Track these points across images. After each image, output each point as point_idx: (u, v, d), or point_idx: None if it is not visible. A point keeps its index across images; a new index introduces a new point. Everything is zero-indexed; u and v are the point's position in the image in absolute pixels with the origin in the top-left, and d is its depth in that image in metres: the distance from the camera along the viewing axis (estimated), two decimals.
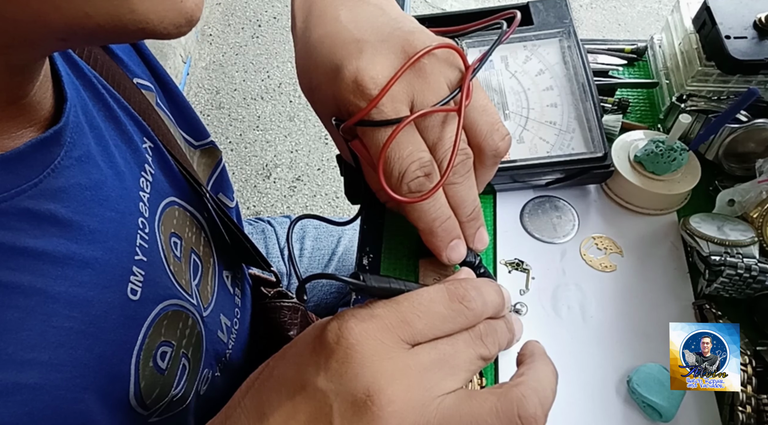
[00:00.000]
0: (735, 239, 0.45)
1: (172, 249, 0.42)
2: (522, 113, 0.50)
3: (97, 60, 0.39)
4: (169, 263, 0.41)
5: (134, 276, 0.36)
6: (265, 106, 1.82)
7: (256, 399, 0.28)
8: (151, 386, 0.37)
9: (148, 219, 0.39)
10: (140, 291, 0.36)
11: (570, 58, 0.50)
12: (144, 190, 0.39)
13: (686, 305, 0.47)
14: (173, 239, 0.43)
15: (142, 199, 0.39)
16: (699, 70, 0.53)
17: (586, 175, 0.50)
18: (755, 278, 0.43)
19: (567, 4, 0.53)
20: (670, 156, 0.49)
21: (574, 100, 0.50)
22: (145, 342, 0.37)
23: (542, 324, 0.46)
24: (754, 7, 0.51)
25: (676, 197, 0.52)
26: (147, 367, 0.37)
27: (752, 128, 0.50)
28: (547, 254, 0.50)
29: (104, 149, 0.36)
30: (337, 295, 0.83)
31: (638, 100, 0.61)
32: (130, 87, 0.42)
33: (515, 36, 0.52)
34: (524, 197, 0.53)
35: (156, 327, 0.38)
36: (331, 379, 0.25)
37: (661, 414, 0.41)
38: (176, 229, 0.43)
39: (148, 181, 0.40)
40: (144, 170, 0.40)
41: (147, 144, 0.42)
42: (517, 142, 0.49)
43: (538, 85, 0.50)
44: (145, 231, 0.38)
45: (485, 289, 0.29)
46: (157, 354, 0.38)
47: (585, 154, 0.48)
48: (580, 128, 0.49)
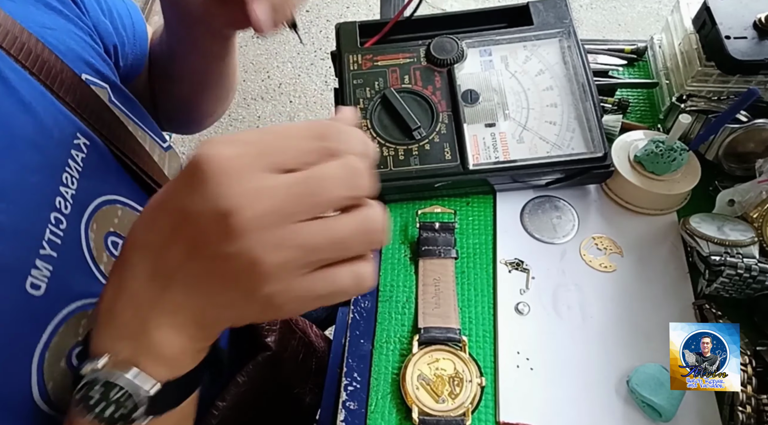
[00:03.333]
0: (735, 239, 0.45)
1: (108, 249, 0.41)
2: (522, 112, 0.50)
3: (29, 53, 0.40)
4: (98, 262, 0.40)
5: (37, 270, 0.35)
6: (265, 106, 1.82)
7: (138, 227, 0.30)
8: (63, 387, 0.36)
9: (68, 216, 0.38)
10: (45, 287, 0.35)
11: (570, 58, 0.50)
12: (66, 185, 0.39)
13: (686, 305, 0.47)
14: (111, 238, 0.42)
15: (63, 194, 0.38)
16: (699, 71, 0.53)
17: (586, 175, 0.50)
18: (755, 278, 0.43)
19: (567, 4, 0.53)
20: (670, 156, 0.49)
21: (574, 100, 0.50)
22: (53, 342, 0.36)
23: (542, 324, 0.46)
24: (754, 7, 0.51)
25: (676, 197, 0.52)
26: (57, 367, 0.36)
27: (752, 128, 0.50)
28: (547, 254, 0.50)
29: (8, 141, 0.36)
30: None
31: (638, 100, 0.61)
32: (73, 83, 0.42)
33: (515, 36, 0.52)
34: (524, 197, 0.53)
35: (69, 325, 0.37)
36: (197, 199, 0.26)
37: (661, 414, 0.41)
38: (119, 229, 0.43)
39: (73, 177, 0.40)
40: (68, 166, 0.40)
41: (81, 140, 0.42)
42: (517, 142, 0.49)
43: (538, 86, 0.50)
44: (60, 227, 0.38)
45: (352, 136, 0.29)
46: (72, 354, 0.37)
47: (585, 154, 0.48)
48: (580, 127, 0.49)
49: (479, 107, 0.50)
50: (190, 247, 0.27)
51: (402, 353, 0.45)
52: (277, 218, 0.26)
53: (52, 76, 0.41)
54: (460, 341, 0.44)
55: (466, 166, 0.48)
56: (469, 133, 0.49)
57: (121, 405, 0.29)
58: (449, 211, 0.51)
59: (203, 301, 0.29)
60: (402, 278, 0.49)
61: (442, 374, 0.43)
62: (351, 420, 0.42)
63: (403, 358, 0.44)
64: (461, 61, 0.49)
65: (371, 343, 0.46)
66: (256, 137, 0.28)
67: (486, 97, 0.50)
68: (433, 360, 0.43)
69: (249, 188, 0.26)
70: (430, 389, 0.42)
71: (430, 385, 0.42)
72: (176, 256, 0.28)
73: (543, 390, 0.43)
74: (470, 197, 0.53)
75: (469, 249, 0.51)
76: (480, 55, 0.52)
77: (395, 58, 0.50)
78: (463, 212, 0.53)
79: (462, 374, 0.43)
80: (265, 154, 0.27)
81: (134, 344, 0.29)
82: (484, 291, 0.48)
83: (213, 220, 0.26)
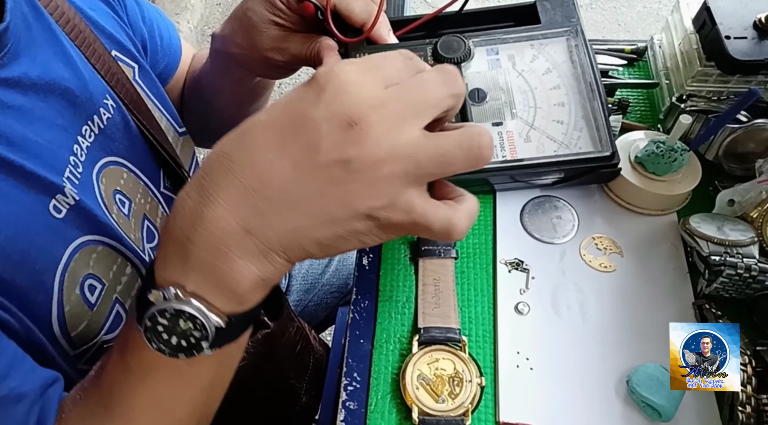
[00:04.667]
0: (735, 239, 0.45)
1: (116, 203, 0.45)
2: (529, 111, 0.50)
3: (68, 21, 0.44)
4: (109, 210, 0.43)
5: (62, 196, 0.39)
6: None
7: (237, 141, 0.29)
8: (76, 316, 0.38)
9: (84, 163, 0.42)
10: (65, 212, 0.39)
11: (577, 57, 0.50)
12: (84, 136, 0.43)
13: (686, 306, 0.47)
14: (118, 196, 0.45)
15: (79, 143, 0.42)
16: (699, 71, 0.53)
17: (593, 174, 0.50)
18: (755, 278, 0.43)
19: (574, 3, 0.52)
20: (671, 157, 0.49)
21: (582, 99, 0.49)
22: (71, 265, 0.38)
23: (542, 324, 0.46)
24: (754, 7, 0.51)
25: (677, 198, 0.52)
26: (73, 292, 0.38)
27: (752, 128, 0.50)
28: (547, 254, 0.50)
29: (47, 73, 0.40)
30: (338, 295, 0.83)
31: (638, 100, 0.61)
32: (103, 54, 0.47)
33: (523, 35, 0.51)
34: (524, 197, 0.53)
35: (82, 255, 0.40)
36: (323, 107, 0.27)
37: (661, 414, 0.41)
38: (123, 189, 0.46)
39: (92, 131, 0.44)
40: (91, 120, 0.44)
41: (109, 102, 0.46)
42: (524, 141, 0.49)
43: (545, 84, 0.50)
44: (77, 170, 0.41)
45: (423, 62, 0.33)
46: (84, 284, 0.39)
47: (592, 153, 0.48)
48: (587, 126, 0.49)
49: (486, 105, 0.50)
50: (302, 158, 0.28)
51: (402, 353, 0.45)
52: (397, 124, 0.28)
53: (85, 44, 0.45)
54: (460, 341, 0.44)
55: None
56: None
57: (189, 336, 0.29)
58: None
59: (301, 221, 0.28)
60: (402, 278, 0.49)
61: (442, 374, 0.43)
62: (351, 420, 0.42)
63: (403, 358, 0.44)
64: (468, 60, 0.49)
65: (371, 343, 0.46)
66: (363, 60, 0.30)
67: (493, 96, 0.50)
68: (433, 360, 0.43)
69: (372, 96, 0.28)
70: (430, 389, 0.42)
71: (430, 385, 0.42)
72: (281, 173, 0.28)
73: (543, 390, 0.43)
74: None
75: (469, 249, 0.51)
76: (487, 53, 0.52)
77: None
78: None
79: (462, 374, 0.43)
80: (376, 70, 0.29)
81: (206, 276, 0.29)
82: (484, 291, 0.48)
83: (338, 124, 0.27)
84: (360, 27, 0.47)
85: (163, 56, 0.59)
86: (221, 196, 0.28)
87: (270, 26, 0.47)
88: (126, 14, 0.53)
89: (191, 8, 1.98)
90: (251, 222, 0.28)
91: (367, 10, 0.46)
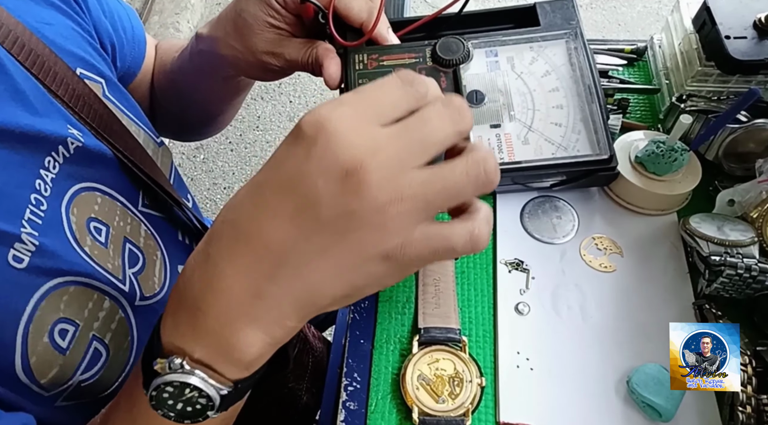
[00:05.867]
0: (735, 239, 0.45)
1: (91, 233, 0.42)
2: (528, 114, 0.50)
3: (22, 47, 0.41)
4: (82, 244, 0.41)
5: (20, 244, 0.36)
6: (265, 106, 1.82)
7: (237, 208, 0.29)
8: (45, 363, 0.37)
9: (48, 198, 0.39)
10: (27, 261, 0.36)
11: (577, 60, 0.50)
12: (48, 169, 0.40)
13: (686, 306, 0.47)
14: (93, 224, 0.42)
15: (43, 177, 0.39)
16: (699, 71, 0.53)
17: (591, 177, 0.50)
18: (755, 278, 0.43)
19: (574, 5, 0.52)
20: (671, 157, 0.49)
21: (581, 101, 0.49)
22: (36, 314, 0.36)
23: (542, 324, 0.46)
24: (754, 7, 0.51)
25: (677, 198, 0.52)
26: (39, 342, 0.36)
27: (752, 128, 0.50)
28: (547, 254, 0.50)
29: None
30: None
31: (638, 100, 0.61)
32: (66, 76, 0.43)
33: (522, 37, 0.51)
34: (524, 198, 0.53)
35: (51, 301, 0.37)
36: (315, 162, 0.26)
37: (661, 414, 0.41)
38: (99, 215, 0.43)
39: (57, 162, 0.41)
40: (55, 151, 0.41)
41: (74, 130, 0.43)
42: (522, 143, 0.49)
43: (544, 87, 0.50)
44: (40, 208, 0.38)
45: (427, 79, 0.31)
46: (54, 330, 0.37)
47: (591, 156, 0.48)
48: (585, 129, 0.49)
49: (485, 107, 0.50)
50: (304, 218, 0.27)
51: (402, 353, 0.45)
52: (396, 167, 0.27)
53: (44, 70, 0.42)
54: (460, 341, 0.44)
55: None
56: (475, 134, 0.49)
57: (194, 403, 0.29)
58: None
59: (312, 279, 0.28)
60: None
61: (442, 374, 0.43)
62: (351, 421, 0.42)
63: (403, 358, 0.44)
64: (467, 62, 0.49)
65: (371, 343, 0.46)
66: (354, 96, 0.28)
67: (491, 98, 0.50)
68: (433, 360, 0.43)
69: (366, 141, 0.26)
70: (430, 389, 0.42)
71: (430, 385, 0.42)
72: (287, 236, 0.27)
73: (543, 390, 0.43)
74: None
75: None
76: (486, 55, 0.52)
77: (401, 58, 0.50)
78: None
79: (462, 374, 0.43)
80: (369, 108, 0.28)
81: (214, 346, 0.29)
82: (484, 291, 0.48)
83: (334, 177, 0.26)
84: (359, 27, 0.46)
85: (130, 50, 0.56)
86: (229, 265, 0.28)
87: (265, 28, 0.46)
88: (88, 13, 0.50)
89: (191, 8, 1.98)
90: (261, 289, 0.28)
91: (366, 9, 0.45)
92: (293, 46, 0.47)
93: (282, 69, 0.49)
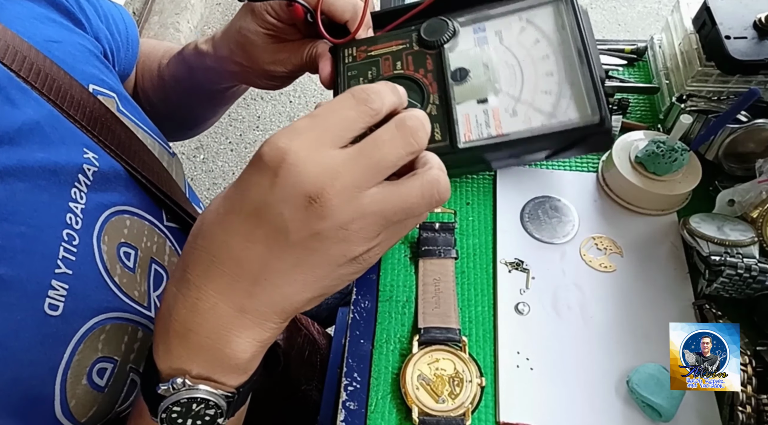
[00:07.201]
0: (735, 239, 0.45)
1: (121, 260, 0.41)
2: (516, 86, 0.48)
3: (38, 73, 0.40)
4: (112, 274, 0.40)
5: (54, 291, 0.35)
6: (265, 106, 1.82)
7: (209, 235, 0.30)
8: (85, 404, 0.36)
9: (80, 231, 0.38)
10: (63, 306, 0.35)
11: (567, 22, 0.48)
12: (76, 200, 0.39)
13: (686, 306, 0.47)
14: (123, 249, 0.42)
15: (72, 210, 0.38)
16: (699, 71, 0.53)
17: (586, 143, 0.47)
18: (755, 278, 0.43)
19: None
20: (671, 157, 0.49)
21: (571, 66, 0.47)
22: (74, 360, 0.35)
23: (542, 324, 0.46)
24: (754, 7, 0.51)
25: (677, 198, 0.52)
26: (79, 385, 0.36)
27: (752, 128, 0.50)
28: (547, 254, 0.50)
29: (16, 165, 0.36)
30: (338, 295, 0.83)
31: (638, 100, 0.61)
32: (81, 96, 0.42)
33: (509, 8, 0.50)
34: (524, 198, 0.53)
35: (89, 342, 0.36)
36: (278, 192, 0.28)
37: (661, 414, 0.41)
38: (129, 239, 0.43)
39: (82, 192, 0.40)
40: (78, 181, 0.40)
41: (90, 155, 0.41)
42: (510, 116, 0.47)
43: (533, 56, 0.48)
44: (72, 244, 0.37)
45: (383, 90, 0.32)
46: (92, 371, 0.37)
47: (581, 121, 0.45)
48: (575, 94, 0.46)
49: (468, 84, 0.48)
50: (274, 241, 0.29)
51: (402, 353, 0.45)
52: (355, 191, 0.29)
53: (61, 94, 0.41)
54: (460, 341, 0.44)
55: (456, 145, 0.46)
56: (462, 111, 0.48)
57: (203, 415, 0.31)
58: (449, 211, 0.51)
59: (288, 290, 0.30)
60: (402, 278, 0.49)
61: (442, 374, 0.43)
62: (351, 420, 0.42)
63: (403, 358, 0.44)
64: (453, 40, 0.48)
65: (371, 343, 0.46)
66: (309, 122, 0.30)
67: (475, 73, 0.48)
68: (433, 360, 0.43)
69: (324, 169, 0.28)
70: (430, 389, 0.42)
71: (430, 385, 0.42)
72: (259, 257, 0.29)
73: (543, 390, 0.43)
74: (470, 196, 0.53)
75: (469, 249, 0.51)
76: (474, 32, 0.50)
77: (388, 47, 0.50)
78: (463, 212, 0.53)
79: (462, 374, 0.43)
80: (325, 133, 0.29)
81: (210, 359, 0.31)
82: (484, 291, 0.48)
83: (298, 205, 0.28)
84: (344, 24, 0.47)
85: (125, 52, 0.56)
86: (210, 287, 0.30)
87: (267, 41, 0.48)
88: (89, 23, 0.50)
89: (191, 8, 1.98)
90: (243, 304, 0.30)
91: (349, 9, 0.46)
92: (293, 50, 0.48)
93: (290, 73, 0.50)
